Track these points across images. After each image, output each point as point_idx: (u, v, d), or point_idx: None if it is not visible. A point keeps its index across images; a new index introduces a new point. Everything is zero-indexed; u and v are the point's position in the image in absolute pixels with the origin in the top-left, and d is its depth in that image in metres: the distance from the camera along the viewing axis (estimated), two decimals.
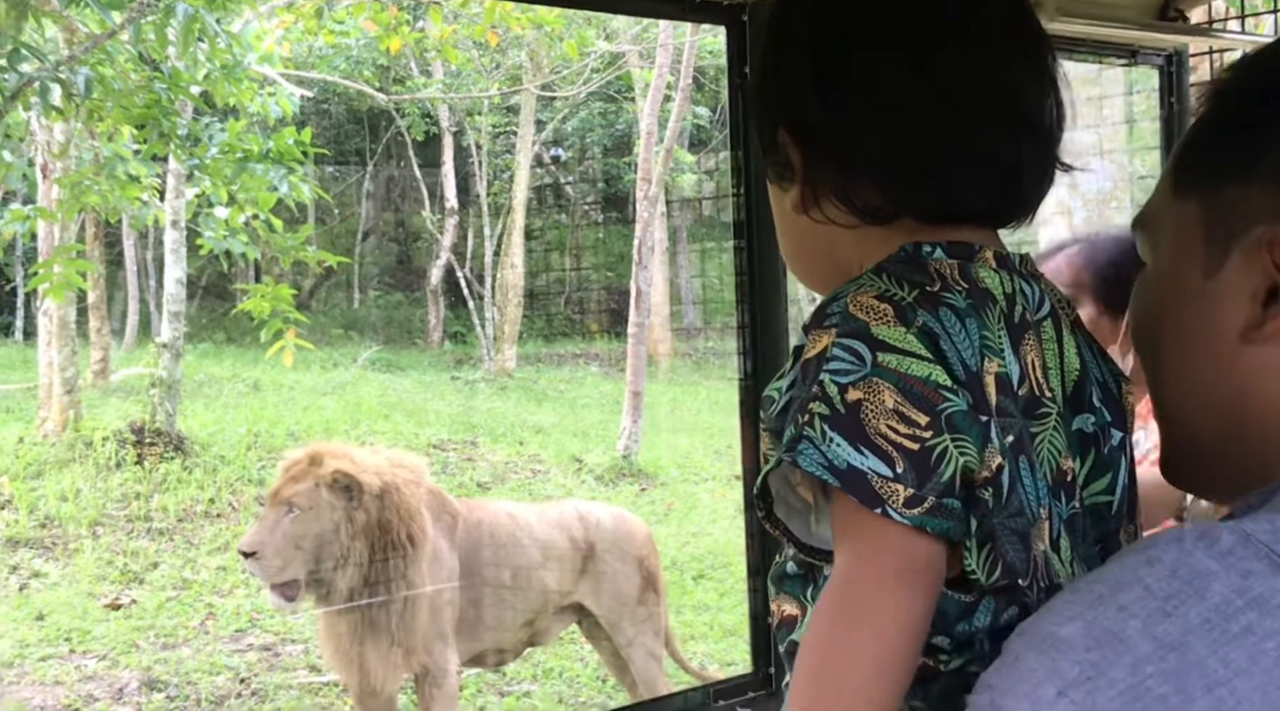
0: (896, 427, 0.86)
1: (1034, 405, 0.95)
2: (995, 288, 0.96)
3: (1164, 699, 0.65)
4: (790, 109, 1.00)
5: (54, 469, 9.50)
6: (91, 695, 6.44)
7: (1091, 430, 1.00)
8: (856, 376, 0.87)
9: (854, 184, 0.97)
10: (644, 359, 11.91)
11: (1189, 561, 0.69)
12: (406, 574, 4.95)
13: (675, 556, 8.77)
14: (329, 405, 12.48)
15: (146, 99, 6.30)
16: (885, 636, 0.85)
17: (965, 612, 0.92)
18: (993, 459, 0.89)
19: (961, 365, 0.90)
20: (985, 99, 0.96)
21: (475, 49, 14.24)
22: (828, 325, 0.91)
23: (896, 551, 0.86)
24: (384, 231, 21.07)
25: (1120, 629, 0.68)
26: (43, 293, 7.36)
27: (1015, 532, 0.91)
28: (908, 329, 0.89)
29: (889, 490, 0.85)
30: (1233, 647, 0.66)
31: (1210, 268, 0.84)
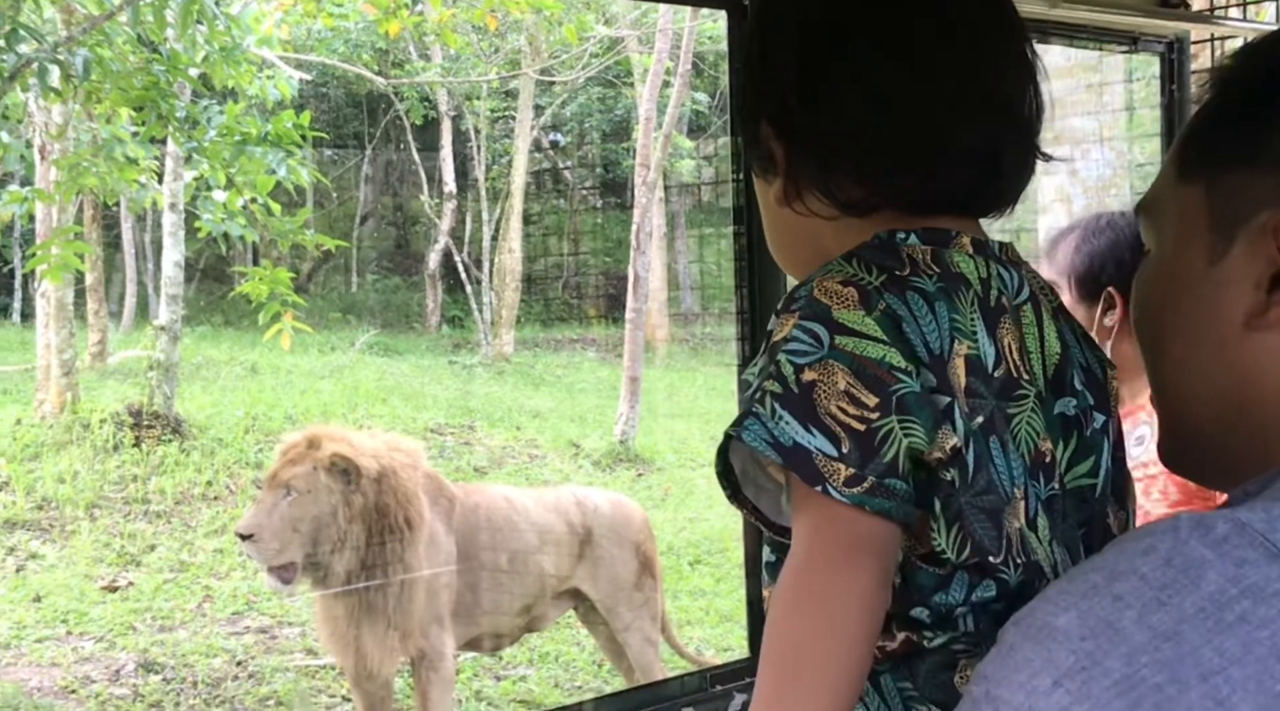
0: (846, 408, 0.88)
1: (1011, 387, 0.96)
2: (970, 272, 0.97)
3: (1159, 688, 0.66)
4: (773, 103, 1.01)
5: (51, 451, 9.50)
6: (88, 676, 6.45)
7: (1073, 413, 1.01)
8: (813, 358, 0.89)
9: (834, 177, 0.99)
10: (641, 344, 11.91)
11: (1184, 550, 0.69)
12: (403, 557, 4.96)
13: (672, 541, 8.78)
14: (327, 388, 12.48)
15: (145, 81, 6.28)
16: (835, 614, 0.86)
17: (940, 585, 0.93)
18: (946, 439, 0.90)
19: (925, 347, 0.91)
20: (965, 92, 0.97)
21: (474, 33, 14.21)
22: (793, 309, 0.93)
23: (840, 529, 0.87)
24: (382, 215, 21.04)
25: (1115, 618, 0.68)
26: (40, 274, 7.35)
27: (984, 511, 0.92)
28: (868, 312, 0.91)
29: (831, 468, 0.87)
30: (1227, 636, 0.66)
31: (1214, 254, 0.84)
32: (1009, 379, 0.96)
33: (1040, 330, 1.00)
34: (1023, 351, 0.98)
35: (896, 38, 0.98)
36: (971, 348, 0.93)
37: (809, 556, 0.88)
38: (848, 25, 0.99)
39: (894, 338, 0.90)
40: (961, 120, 0.97)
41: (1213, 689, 0.65)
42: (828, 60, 0.99)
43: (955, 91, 0.97)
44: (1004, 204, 1.02)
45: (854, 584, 0.86)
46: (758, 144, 1.04)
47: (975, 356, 0.93)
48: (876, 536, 0.88)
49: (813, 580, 0.87)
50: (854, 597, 0.86)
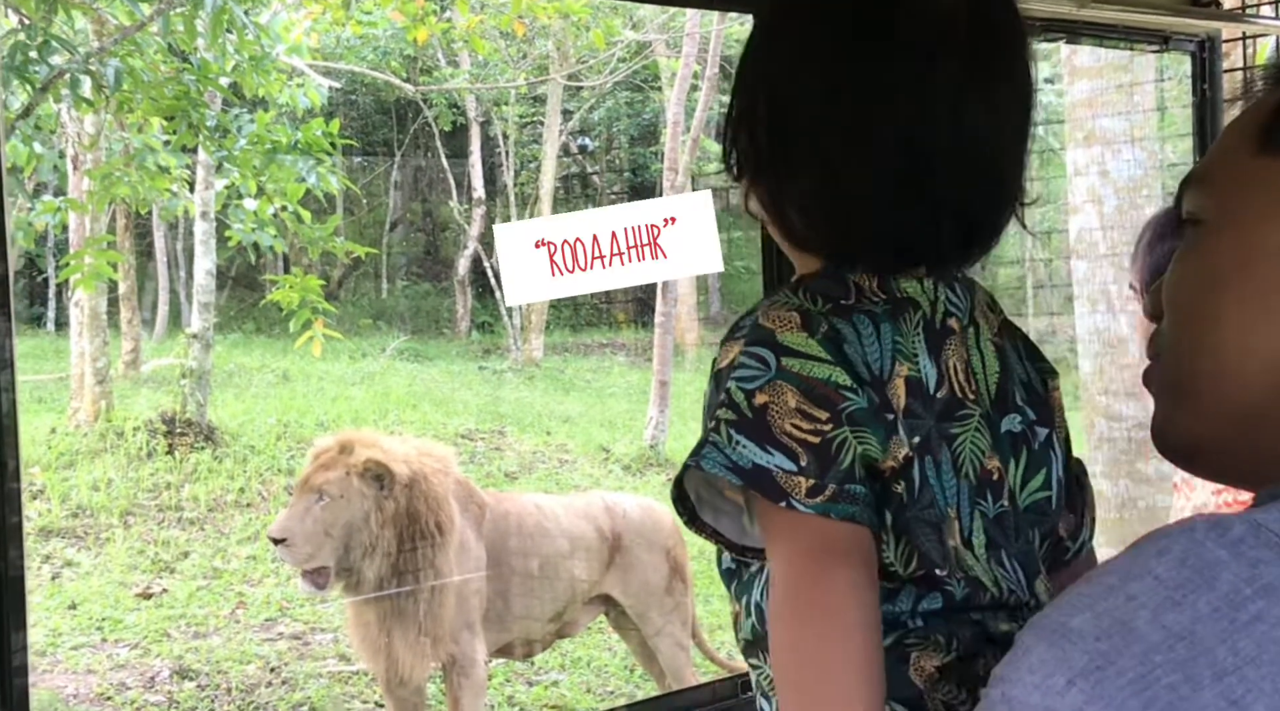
0: (800, 425, 0.89)
1: (954, 406, 0.97)
2: (918, 295, 0.98)
3: (1173, 688, 0.65)
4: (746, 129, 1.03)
5: (86, 459, 9.58)
6: (123, 683, 6.49)
7: (1020, 429, 1.02)
8: (762, 381, 0.91)
9: (786, 214, 1.00)
10: (671, 348, 11.91)
11: (1199, 551, 0.69)
12: (434, 563, 4.97)
13: (703, 546, 8.70)
14: (357, 395, 12.53)
15: (176, 90, 6.33)
16: (828, 622, 0.87)
17: (888, 597, 0.94)
18: (898, 449, 0.92)
19: (866, 367, 0.93)
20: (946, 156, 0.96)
21: (502, 39, 14.24)
22: (738, 336, 0.96)
23: (811, 539, 0.89)
24: (411, 222, 21.11)
25: (1130, 618, 0.68)
26: (74, 283, 7.41)
27: (929, 524, 0.94)
28: (810, 335, 0.92)
29: (792, 483, 0.88)
30: (1241, 636, 0.66)
31: None
32: (952, 399, 0.97)
33: (980, 350, 1.01)
34: (969, 372, 0.99)
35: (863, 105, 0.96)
36: (912, 369, 0.95)
37: (789, 571, 0.90)
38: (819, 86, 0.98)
39: (837, 358, 0.91)
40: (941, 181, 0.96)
41: (1227, 688, 0.65)
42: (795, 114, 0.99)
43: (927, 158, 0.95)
44: (967, 262, 1.02)
45: (838, 587, 0.87)
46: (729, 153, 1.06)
47: (915, 377, 0.95)
48: (847, 540, 0.89)
49: (798, 595, 0.88)
50: (843, 601, 0.87)
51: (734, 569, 1.03)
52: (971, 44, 0.96)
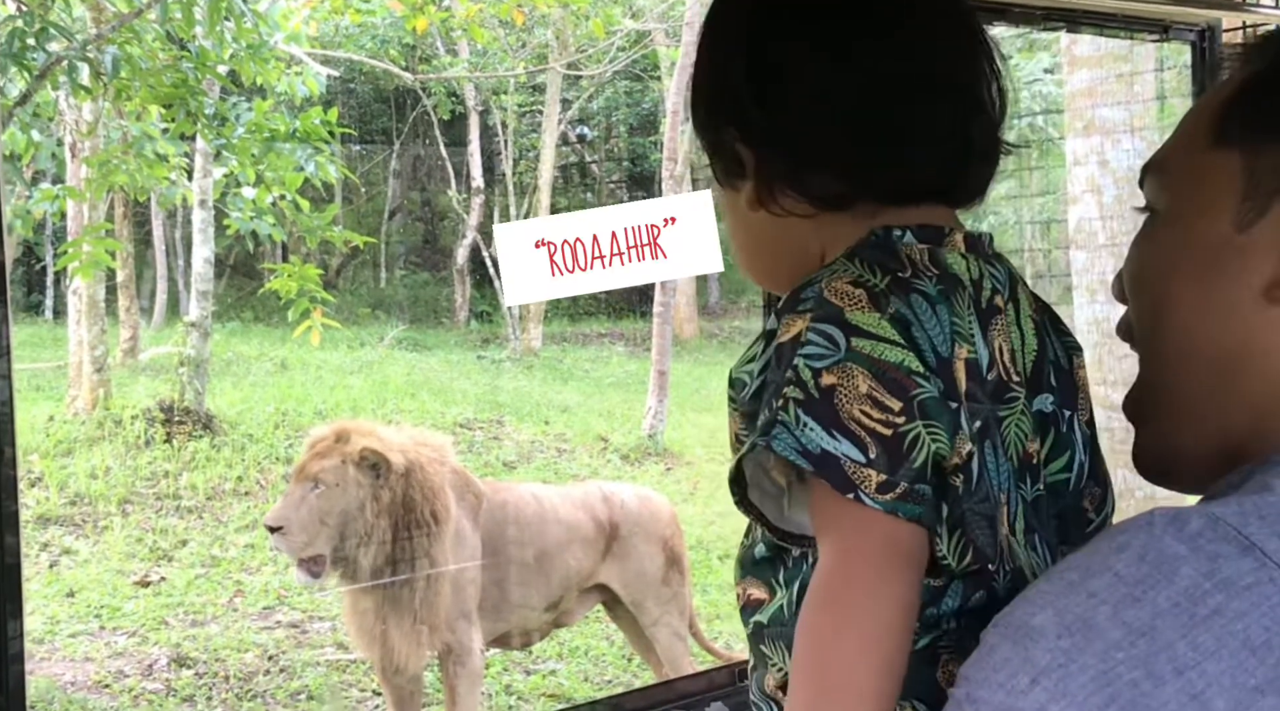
0: (870, 413, 0.86)
1: (1002, 390, 0.95)
2: (963, 273, 0.96)
3: (1134, 683, 0.66)
4: (733, 109, 1.00)
5: (84, 447, 9.58)
6: (121, 671, 6.50)
7: (1051, 410, 1.00)
8: (831, 361, 0.88)
9: (805, 173, 0.97)
10: (669, 338, 11.90)
11: (1158, 546, 0.69)
12: (430, 552, 4.97)
13: (700, 535, 8.77)
14: (356, 384, 12.53)
15: (174, 78, 6.31)
16: (876, 623, 0.85)
17: (934, 598, 0.92)
18: (963, 445, 0.89)
19: (933, 352, 0.90)
20: (923, 79, 0.96)
21: (501, 28, 14.21)
22: (802, 310, 0.91)
23: (873, 537, 0.86)
24: (410, 211, 21.11)
25: (1090, 615, 0.69)
26: (71, 271, 7.39)
27: (984, 517, 0.91)
28: (881, 315, 0.89)
29: (861, 475, 0.85)
30: (1201, 631, 0.66)
31: (1244, 220, 0.83)
32: (1000, 382, 0.95)
33: (1020, 328, 0.99)
34: (1011, 351, 0.97)
35: (842, 31, 0.96)
36: (971, 351, 0.92)
37: (844, 565, 0.87)
38: (793, 24, 0.98)
39: (907, 341, 0.89)
40: (922, 105, 0.96)
41: (1187, 683, 0.65)
42: (779, 62, 0.97)
43: (909, 79, 0.96)
44: (979, 192, 1.01)
45: (891, 590, 0.85)
46: (721, 151, 1.02)
47: (974, 360, 0.92)
48: (910, 542, 0.87)
49: (849, 589, 0.86)
50: (892, 604, 0.85)
51: (770, 558, 1.00)
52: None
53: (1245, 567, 0.67)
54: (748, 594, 1.02)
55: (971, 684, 0.73)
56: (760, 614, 1.00)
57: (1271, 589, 0.66)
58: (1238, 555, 0.68)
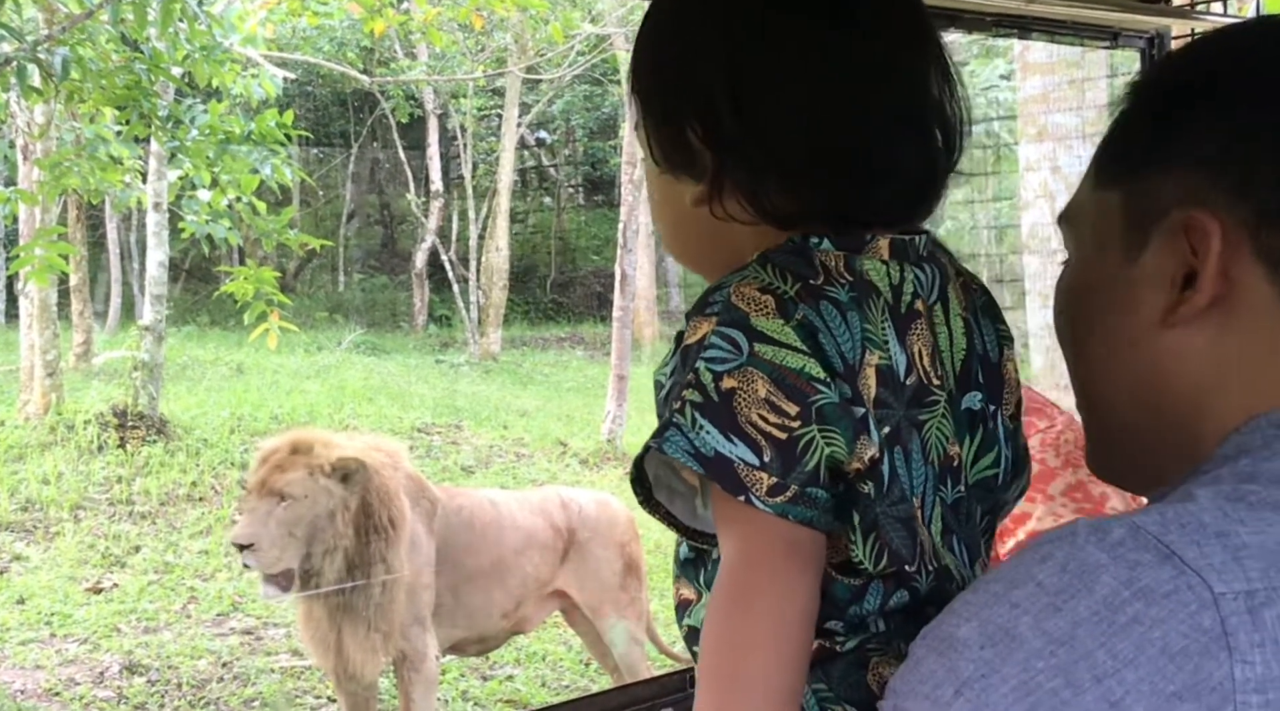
0: (767, 417, 0.87)
1: (922, 394, 0.96)
2: (880, 280, 0.96)
3: (1054, 692, 0.67)
4: (703, 110, 0.98)
5: (35, 452, 9.47)
6: (72, 678, 6.42)
7: (979, 407, 1.01)
8: (732, 365, 0.88)
9: (763, 188, 0.96)
10: (629, 342, 11.91)
11: (1079, 555, 0.70)
12: (386, 558, 4.94)
13: (659, 541, 8.76)
14: (313, 389, 12.45)
15: (127, 80, 6.25)
16: (773, 622, 0.86)
17: (855, 597, 0.93)
18: (865, 450, 0.90)
19: (840, 358, 0.90)
20: (902, 106, 0.96)
21: (460, 31, 14.18)
22: (709, 313, 0.91)
23: (765, 539, 0.87)
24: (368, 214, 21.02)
25: (1012, 625, 0.70)
26: (24, 276, 7.31)
27: (899, 520, 0.92)
28: (786, 321, 0.89)
29: (753, 478, 0.86)
30: (1120, 639, 0.67)
31: (1131, 255, 0.86)
32: (920, 385, 0.95)
33: (949, 328, 1.00)
34: (934, 355, 0.97)
35: (825, 50, 0.96)
36: (883, 357, 0.92)
37: (738, 566, 0.88)
38: (776, 37, 0.97)
39: (811, 348, 0.89)
40: (897, 141, 0.96)
41: (1107, 691, 0.66)
42: (763, 70, 0.96)
43: (885, 106, 0.95)
44: (925, 216, 1.02)
45: (784, 590, 0.87)
46: (674, 143, 1.00)
47: (886, 366, 0.93)
48: (802, 544, 0.88)
49: (743, 590, 0.87)
50: (786, 604, 0.86)
51: (694, 559, 1.01)
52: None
53: (1164, 576, 0.68)
54: (680, 594, 1.04)
55: (899, 696, 0.74)
56: (690, 616, 1.02)
57: (1190, 596, 0.67)
58: (1157, 563, 0.68)
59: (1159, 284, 0.83)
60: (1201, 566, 0.68)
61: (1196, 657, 0.66)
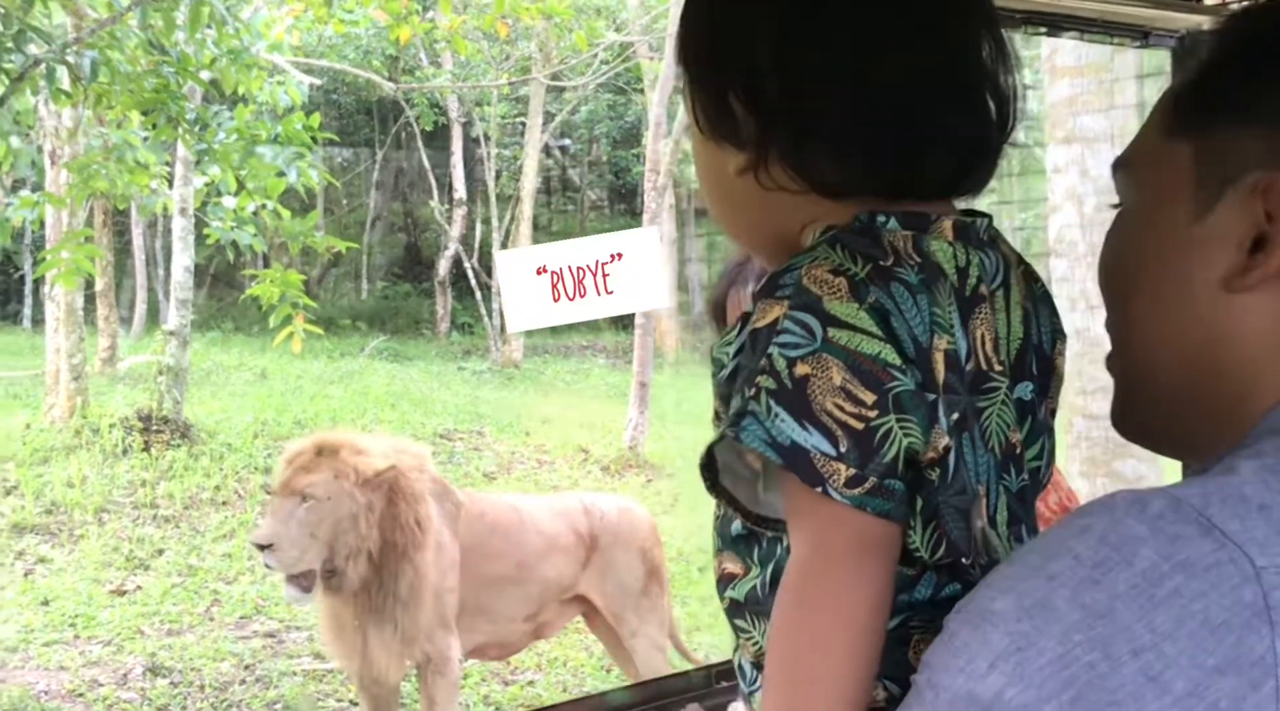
0: (843, 405, 0.85)
1: (981, 380, 0.93)
2: (947, 262, 0.93)
3: (1092, 666, 0.66)
4: (746, 76, 0.96)
5: (60, 455, 9.52)
6: (96, 680, 6.44)
7: (1030, 398, 0.99)
8: (806, 351, 0.86)
9: (810, 156, 0.94)
10: (651, 350, 11.90)
11: (1118, 528, 0.69)
12: (413, 561, 4.93)
13: (681, 547, 8.76)
14: (336, 394, 12.49)
15: (155, 83, 6.28)
16: (847, 616, 0.84)
17: (908, 585, 0.91)
18: (939, 439, 0.88)
19: (912, 342, 0.88)
20: (952, 71, 0.94)
21: (484, 40, 14.23)
22: (780, 296, 0.89)
23: (842, 532, 0.85)
24: (392, 222, 21.08)
25: (1049, 598, 0.69)
26: (51, 279, 7.34)
27: (958, 510, 0.90)
28: (860, 305, 0.87)
29: (830, 469, 0.84)
30: (1159, 612, 0.66)
31: (1199, 212, 0.83)
32: (979, 372, 0.93)
33: (1008, 315, 0.97)
34: (995, 341, 0.95)
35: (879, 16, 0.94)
36: (950, 342, 0.90)
37: (812, 558, 0.86)
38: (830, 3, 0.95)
39: (885, 332, 0.87)
40: (947, 107, 0.93)
41: (1145, 665, 0.65)
42: (809, 32, 0.95)
43: (939, 71, 0.93)
44: (977, 191, 1.00)
45: (861, 585, 0.85)
46: (718, 110, 0.98)
47: (953, 351, 0.90)
48: (879, 537, 0.86)
49: (817, 583, 0.85)
50: (862, 598, 0.84)
51: (747, 535, 0.99)
52: None
53: (1205, 549, 0.67)
54: (723, 567, 1.01)
55: (932, 669, 0.73)
56: (734, 589, 1.00)
57: (1232, 569, 0.66)
58: (1198, 536, 0.67)
59: (1226, 245, 0.81)
60: (1244, 540, 0.67)
61: (1238, 631, 0.65)
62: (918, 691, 0.74)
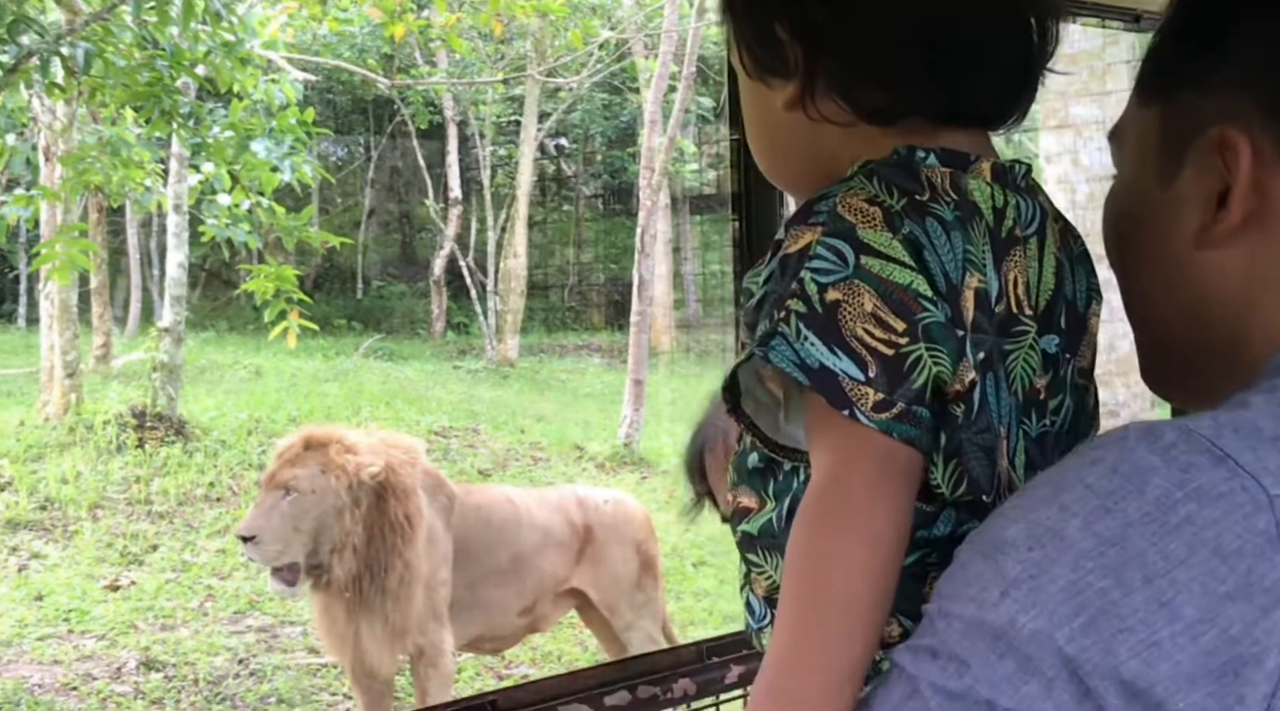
0: (873, 331, 0.85)
1: (1010, 323, 0.93)
2: (984, 201, 0.93)
3: (1104, 592, 0.66)
4: (791, 5, 0.97)
5: (54, 452, 9.51)
6: (89, 674, 6.44)
7: (1054, 351, 0.98)
8: (837, 277, 0.86)
9: (858, 82, 0.94)
10: (646, 348, 11.90)
11: (1130, 458, 0.70)
12: (403, 555, 4.93)
13: (676, 543, 8.76)
14: (331, 391, 12.48)
15: (149, 77, 6.27)
16: (868, 538, 0.83)
17: (926, 522, 0.91)
18: (966, 373, 0.88)
19: (944, 277, 0.88)
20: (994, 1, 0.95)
21: (479, 38, 14.23)
22: (813, 222, 0.89)
23: (867, 455, 0.85)
24: (387, 221, 21.07)
25: (1061, 527, 0.69)
26: (46, 273, 7.33)
27: (981, 448, 0.90)
28: (894, 235, 0.87)
29: (859, 393, 0.84)
30: (1171, 539, 0.66)
31: (1167, 175, 0.85)
32: (1009, 315, 0.93)
33: (1040, 263, 0.97)
34: (1027, 286, 0.95)
35: None
36: (981, 281, 0.90)
37: (835, 481, 0.86)
38: None
39: (918, 264, 0.87)
40: (989, 28, 0.94)
41: (1158, 591, 0.65)
42: None
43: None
44: (1020, 119, 1.00)
45: (883, 508, 0.84)
46: (763, 44, 0.98)
47: (983, 290, 0.90)
48: (903, 463, 0.85)
49: (839, 505, 0.85)
50: (884, 521, 0.84)
51: (763, 469, 0.98)
52: None
53: (1218, 477, 0.67)
54: (738, 502, 1.01)
55: (944, 598, 0.73)
56: (749, 523, 0.99)
57: (1244, 498, 0.66)
58: (1210, 465, 0.67)
59: (1194, 204, 0.83)
60: (1257, 469, 0.67)
61: (1250, 558, 0.65)
62: (929, 620, 0.74)
